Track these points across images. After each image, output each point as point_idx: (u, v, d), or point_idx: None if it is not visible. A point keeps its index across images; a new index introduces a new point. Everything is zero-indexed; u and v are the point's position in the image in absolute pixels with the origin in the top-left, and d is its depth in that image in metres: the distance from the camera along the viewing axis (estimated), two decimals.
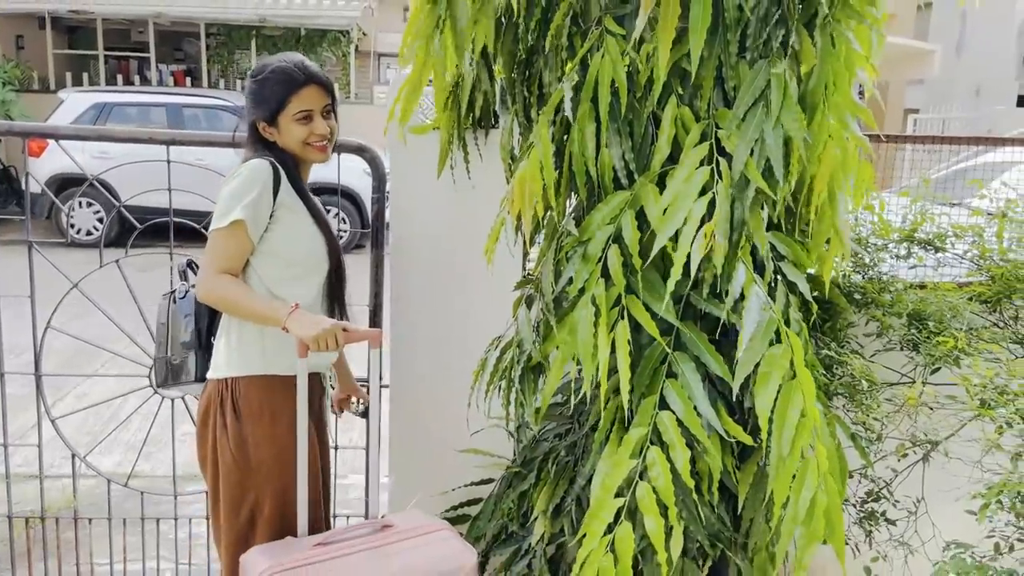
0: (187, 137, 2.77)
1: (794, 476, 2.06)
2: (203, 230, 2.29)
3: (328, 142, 2.35)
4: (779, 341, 2.12)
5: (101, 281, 2.94)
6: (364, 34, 18.08)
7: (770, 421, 2.08)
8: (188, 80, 16.27)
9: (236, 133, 2.46)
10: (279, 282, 2.29)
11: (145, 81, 16.14)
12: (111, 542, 3.16)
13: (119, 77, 16.50)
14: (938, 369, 2.42)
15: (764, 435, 2.08)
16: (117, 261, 2.92)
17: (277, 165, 2.27)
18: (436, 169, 2.50)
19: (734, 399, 2.22)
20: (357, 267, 2.79)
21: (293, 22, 15.17)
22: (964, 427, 2.46)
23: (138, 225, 2.96)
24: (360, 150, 2.65)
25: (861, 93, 2.70)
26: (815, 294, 2.60)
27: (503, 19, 2.33)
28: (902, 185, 5.08)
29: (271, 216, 2.25)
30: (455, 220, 2.61)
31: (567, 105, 2.11)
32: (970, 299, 2.59)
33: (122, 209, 3.00)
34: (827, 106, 2.30)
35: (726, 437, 2.15)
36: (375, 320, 2.74)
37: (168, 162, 2.77)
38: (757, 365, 2.09)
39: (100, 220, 10.82)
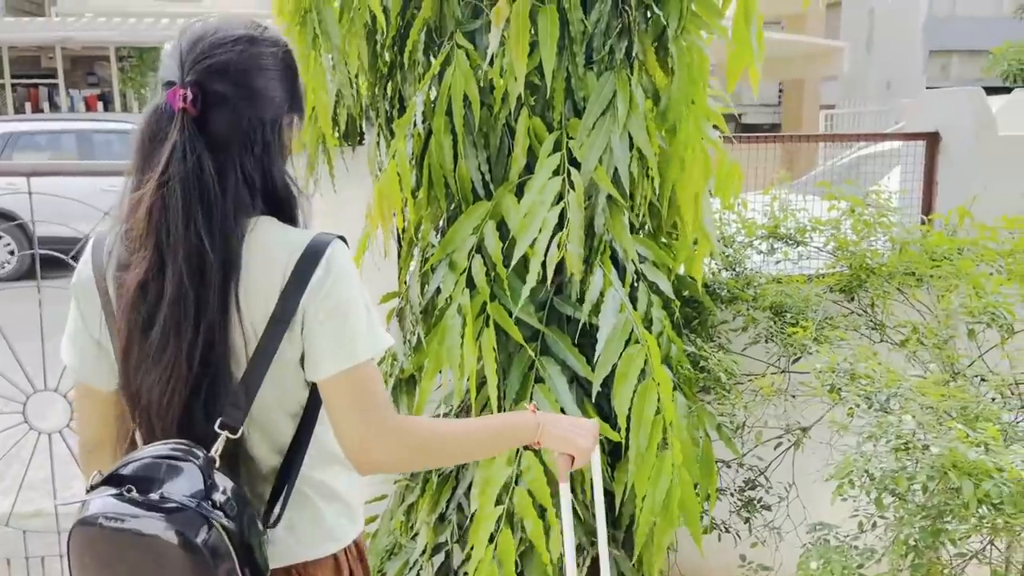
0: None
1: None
2: None
3: None
4: (636, 342, 2.20)
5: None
6: None
7: (628, 419, 2.17)
8: (101, 105, 15.96)
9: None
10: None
11: (55, 108, 15.79)
12: None
13: (28, 105, 16.13)
14: (798, 358, 2.53)
15: (623, 432, 2.16)
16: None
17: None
18: (303, 185, 2.53)
19: (606, 399, 2.30)
20: None
21: None
22: (829, 412, 2.57)
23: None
24: None
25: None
26: (686, 293, 2.71)
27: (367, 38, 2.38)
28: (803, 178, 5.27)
29: None
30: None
31: (418, 118, 2.17)
32: (830, 289, 2.71)
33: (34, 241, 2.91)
34: (690, 113, 2.39)
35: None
36: None
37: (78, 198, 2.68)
38: (615, 366, 2.18)
39: (12, 253, 10.54)
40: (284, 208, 1.32)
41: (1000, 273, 2.43)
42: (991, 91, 3.67)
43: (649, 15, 2.33)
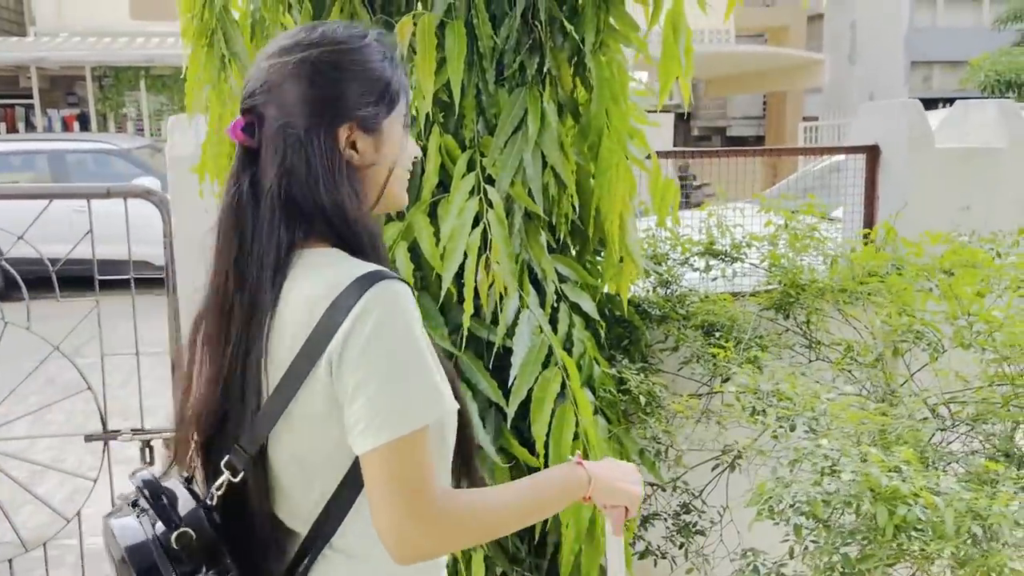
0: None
1: None
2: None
3: None
4: (555, 365, 2.14)
5: None
6: None
7: (547, 444, 2.11)
8: (78, 124, 15.91)
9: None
10: None
11: (31, 128, 15.74)
12: None
13: (3, 125, 16.08)
14: (727, 379, 2.47)
15: (541, 458, 2.10)
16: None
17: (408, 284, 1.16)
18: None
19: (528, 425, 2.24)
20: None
21: (182, 62, 14.91)
22: (761, 434, 2.51)
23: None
24: (149, 193, 2.60)
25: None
26: (618, 313, 2.65)
27: None
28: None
29: None
30: None
31: None
32: (765, 307, 2.66)
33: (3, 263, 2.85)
34: (610, 130, 2.34)
35: (500, 464, 2.15)
36: (177, 367, 2.67)
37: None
38: (532, 390, 2.12)
39: None
40: (345, 235, 1.15)
41: (934, 290, 2.37)
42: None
43: (567, 30, 2.28)
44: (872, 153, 3.00)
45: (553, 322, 2.28)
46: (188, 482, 1.21)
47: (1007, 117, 2.95)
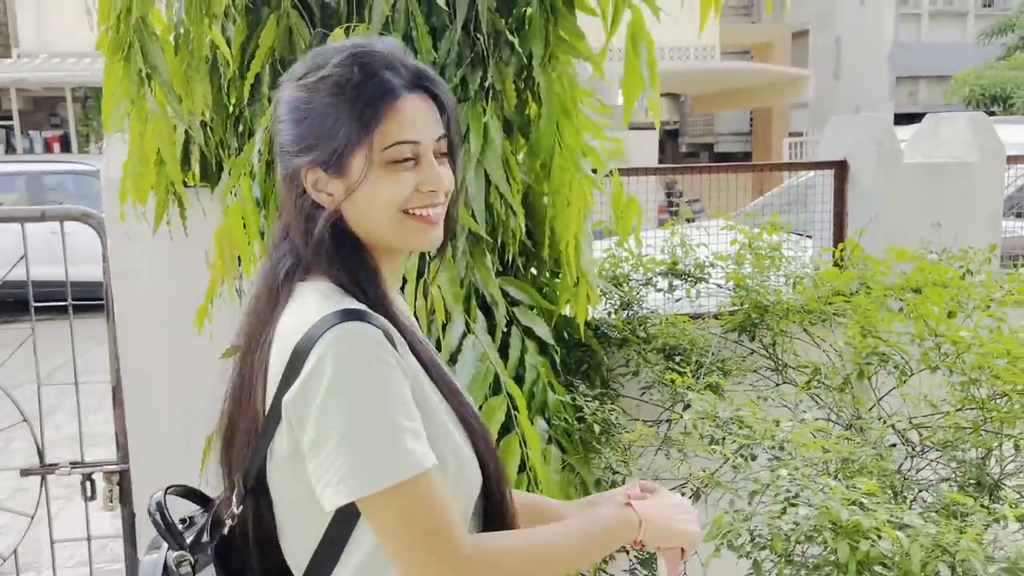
0: None
1: None
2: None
3: (440, 207, 1.15)
4: (501, 393, 2.04)
5: None
6: None
7: None
8: (58, 146, 15.79)
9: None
10: None
11: (11, 149, 15.62)
12: None
13: None
14: (688, 405, 2.37)
15: None
16: None
17: (383, 324, 1.07)
18: (163, 234, 2.36)
19: None
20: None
21: None
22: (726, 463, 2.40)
23: None
24: (86, 216, 2.49)
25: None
26: (578, 337, 2.55)
27: (211, 72, 2.22)
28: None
29: None
30: (184, 284, 2.46)
31: (255, 157, 2.00)
32: (730, 329, 2.56)
33: None
34: (562, 148, 2.25)
35: None
36: (117, 397, 2.56)
37: None
38: None
39: None
40: (330, 273, 1.10)
41: (902, 310, 2.28)
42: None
43: (513, 44, 2.19)
44: (840, 169, 2.91)
45: (504, 347, 2.18)
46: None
47: (979, 130, 2.86)
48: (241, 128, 2.25)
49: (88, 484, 2.66)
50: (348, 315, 1.03)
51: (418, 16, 1.98)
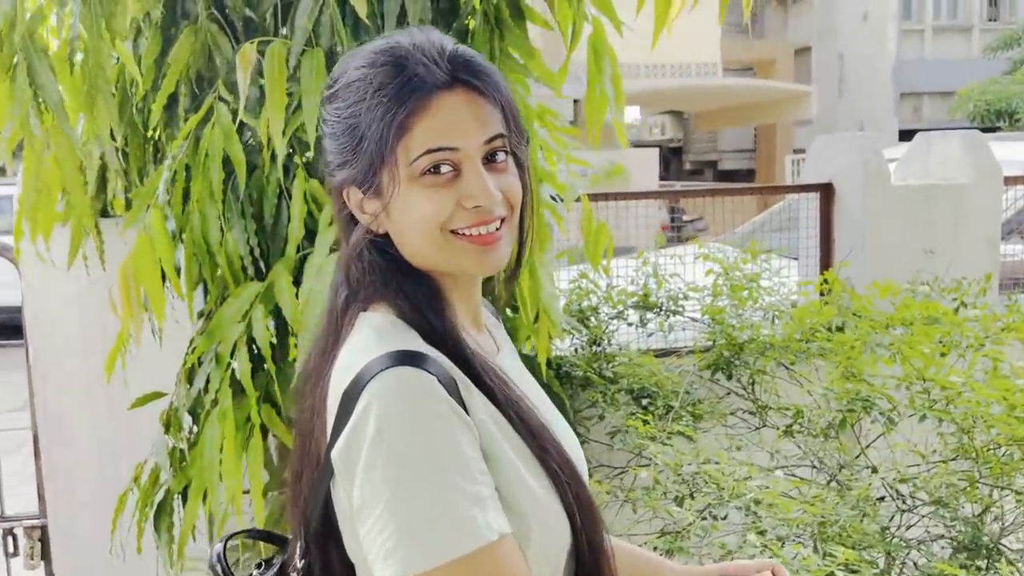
0: None
1: None
2: None
3: (498, 224, 0.94)
4: None
5: None
6: None
7: None
8: None
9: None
10: None
11: None
12: None
13: None
14: (649, 462, 2.15)
15: None
16: None
17: (440, 368, 0.91)
18: (77, 269, 2.16)
19: None
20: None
21: None
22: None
23: None
24: (4, 249, 2.30)
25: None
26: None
27: (121, 92, 2.03)
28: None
29: None
30: (104, 323, 2.27)
31: (161, 186, 1.81)
32: (705, 367, 2.34)
33: None
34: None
35: None
36: (36, 447, 2.35)
37: None
38: None
39: None
40: (386, 299, 0.96)
41: (888, 351, 2.06)
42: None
43: None
44: (826, 192, 2.70)
45: None
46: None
47: (973, 150, 2.65)
48: (157, 153, 2.06)
49: (10, 539, 2.46)
50: (399, 358, 0.88)
51: (341, 31, 1.79)
